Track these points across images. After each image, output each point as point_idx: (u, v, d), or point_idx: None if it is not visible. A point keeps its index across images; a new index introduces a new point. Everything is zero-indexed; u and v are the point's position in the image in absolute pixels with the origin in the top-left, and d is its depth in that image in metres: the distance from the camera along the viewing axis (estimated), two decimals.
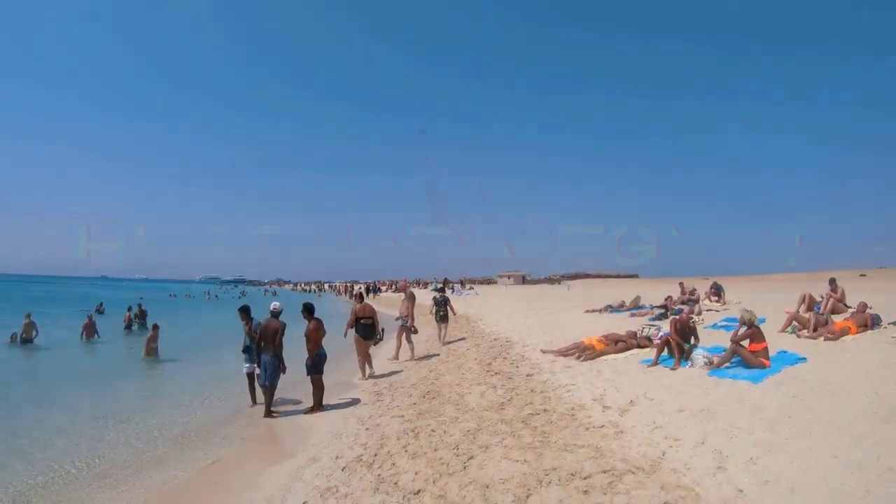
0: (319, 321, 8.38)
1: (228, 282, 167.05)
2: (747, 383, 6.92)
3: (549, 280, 79.83)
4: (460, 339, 14.62)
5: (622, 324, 13.62)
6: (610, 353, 9.85)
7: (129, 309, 21.90)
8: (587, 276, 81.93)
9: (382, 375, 10.74)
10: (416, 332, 12.88)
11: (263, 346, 8.01)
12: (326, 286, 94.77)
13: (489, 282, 79.25)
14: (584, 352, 9.88)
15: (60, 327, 20.70)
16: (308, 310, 8.42)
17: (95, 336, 17.86)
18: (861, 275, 32.17)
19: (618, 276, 77.12)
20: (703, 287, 18.77)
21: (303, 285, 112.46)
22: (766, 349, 7.76)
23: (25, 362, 14.65)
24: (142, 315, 21.83)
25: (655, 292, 24.07)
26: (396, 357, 12.11)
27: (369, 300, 38.86)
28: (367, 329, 10.52)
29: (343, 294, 62.82)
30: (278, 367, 8.00)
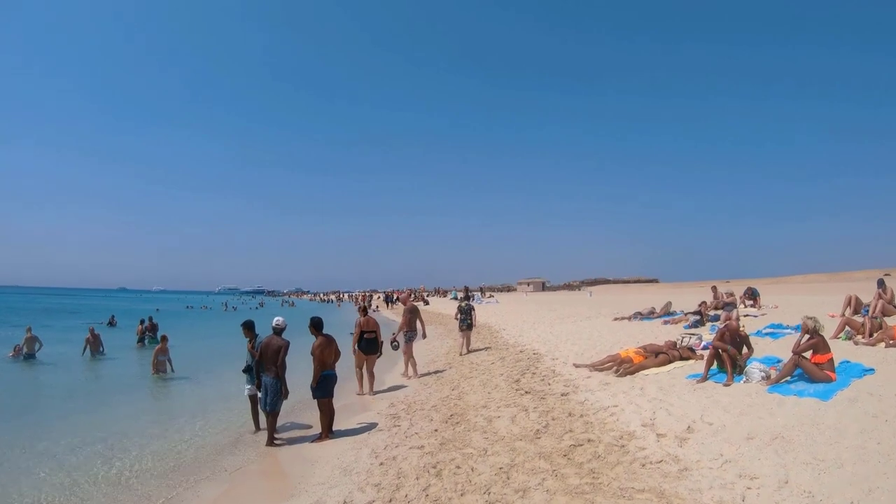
0: (328, 338, 7.48)
1: (247, 292, 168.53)
2: (815, 401, 6.00)
3: (569, 286, 78.74)
4: (483, 349, 13.84)
5: (655, 332, 12.74)
6: (650, 367, 8.87)
7: (142, 322, 21.29)
8: (606, 281, 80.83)
9: (396, 388, 10.17)
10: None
11: (264, 367, 7.19)
12: (346, 296, 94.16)
13: (509, 289, 78.34)
14: (621, 365, 8.96)
15: (67, 341, 20.13)
16: (315, 325, 7.49)
17: (101, 351, 17.06)
18: (885, 274, 30.94)
19: (637, 282, 75.98)
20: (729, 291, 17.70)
21: (322, 295, 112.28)
22: (831, 361, 6.88)
23: (20, 379, 13.96)
24: (153, 328, 21.10)
25: (681, 297, 23.07)
26: (415, 373, 11.49)
27: (388, 310, 38.62)
28: (369, 343, 10.12)
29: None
30: (280, 390, 7.15)
